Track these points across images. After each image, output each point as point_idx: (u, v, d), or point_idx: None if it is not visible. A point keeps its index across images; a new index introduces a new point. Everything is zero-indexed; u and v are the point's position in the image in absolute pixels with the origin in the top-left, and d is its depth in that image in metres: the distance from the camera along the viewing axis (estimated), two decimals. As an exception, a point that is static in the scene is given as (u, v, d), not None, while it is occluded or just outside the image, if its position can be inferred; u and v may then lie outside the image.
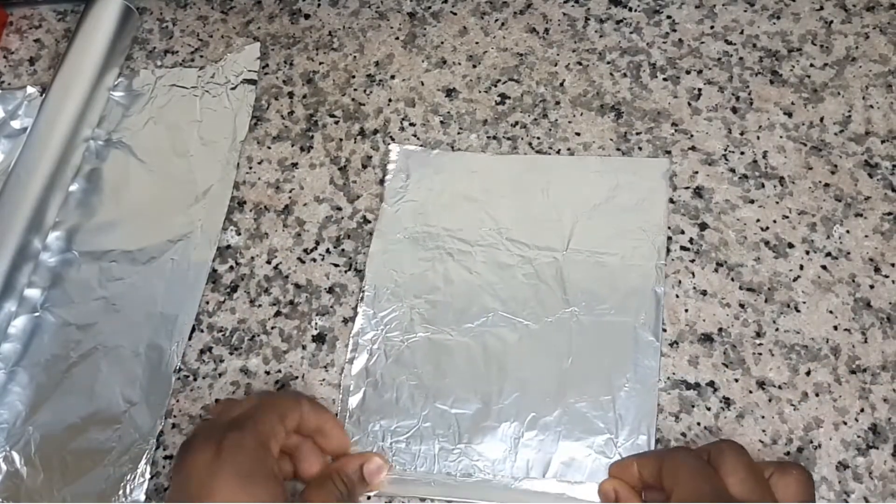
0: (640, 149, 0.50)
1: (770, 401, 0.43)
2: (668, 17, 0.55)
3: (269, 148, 0.55)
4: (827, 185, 0.48)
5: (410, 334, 0.46)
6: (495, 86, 0.54)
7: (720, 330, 0.45)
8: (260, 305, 0.49)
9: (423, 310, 0.47)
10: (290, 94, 0.57)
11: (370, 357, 0.46)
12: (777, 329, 0.44)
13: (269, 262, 0.51)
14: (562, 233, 0.48)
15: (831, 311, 0.45)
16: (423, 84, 0.55)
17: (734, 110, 0.51)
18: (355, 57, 0.57)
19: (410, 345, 0.46)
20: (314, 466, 0.40)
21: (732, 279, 0.46)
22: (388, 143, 0.53)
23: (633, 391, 0.43)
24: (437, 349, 0.46)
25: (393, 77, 0.56)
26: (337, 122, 0.55)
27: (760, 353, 0.44)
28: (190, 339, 0.49)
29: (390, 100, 0.55)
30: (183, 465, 0.36)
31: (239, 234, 0.52)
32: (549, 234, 0.48)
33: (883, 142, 0.49)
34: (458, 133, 0.53)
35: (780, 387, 0.43)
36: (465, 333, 0.46)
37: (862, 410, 0.42)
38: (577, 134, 0.52)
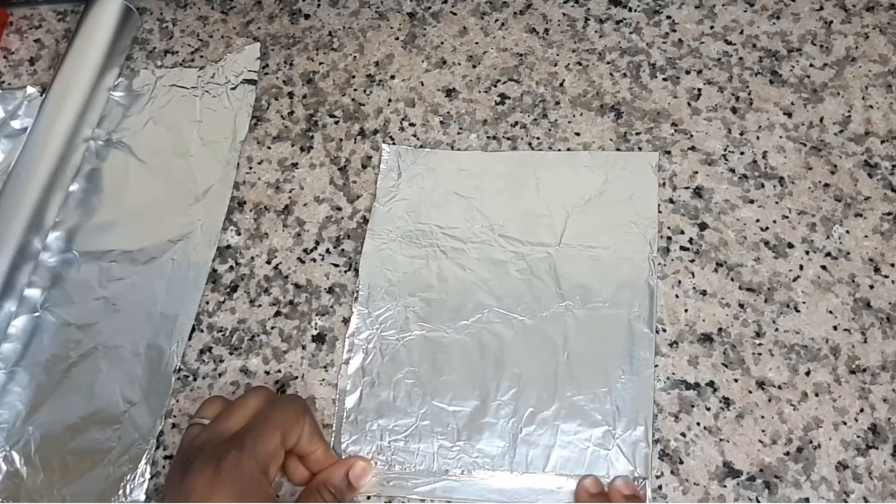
0: (639, 149, 0.50)
1: (770, 401, 0.43)
2: (668, 17, 0.55)
3: (269, 148, 0.55)
4: (827, 185, 0.48)
5: (406, 333, 0.46)
6: (495, 86, 0.54)
7: (720, 330, 0.45)
8: (260, 305, 0.49)
9: (418, 308, 0.47)
10: (290, 94, 0.57)
11: (366, 356, 0.46)
12: (777, 329, 0.44)
13: (269, 262, 0.51)
14: (554, 228, 0.48)
15: (831, 311, 0.45)
16: (423, 84, 0.55)
17: (734, 110, 0.51)
18: (355, 57, 0.57)
19: (406, 343, 0.46)
20: (299, 470, 0.41)
21: (732, 279, 0.46)
22: (387, 143, 0.53)
23: (629, 383, 0.43)
24: (432, 347, 0.46)
25: (393, 77, 0.56)
26: (337, 122, 0.55)
27: (760, 353, 0.44)
28: (190, 339, 0.49)
29: (390, 100, 0.55)
30: (183, 484, 0.36)
31: (239, 234, 0.52)
32: (542, 230, 0.48)
33: (883, 142, 0.49)
34: (458, 133, 0.53)
35: (779, 387, 0.43)
36: (461, 330, 0.46)
37: (861, 410, 0.42)
38: (577, 134, 0.52)
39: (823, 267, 0.46)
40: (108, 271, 0.51)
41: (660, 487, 0.41)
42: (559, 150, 0.51)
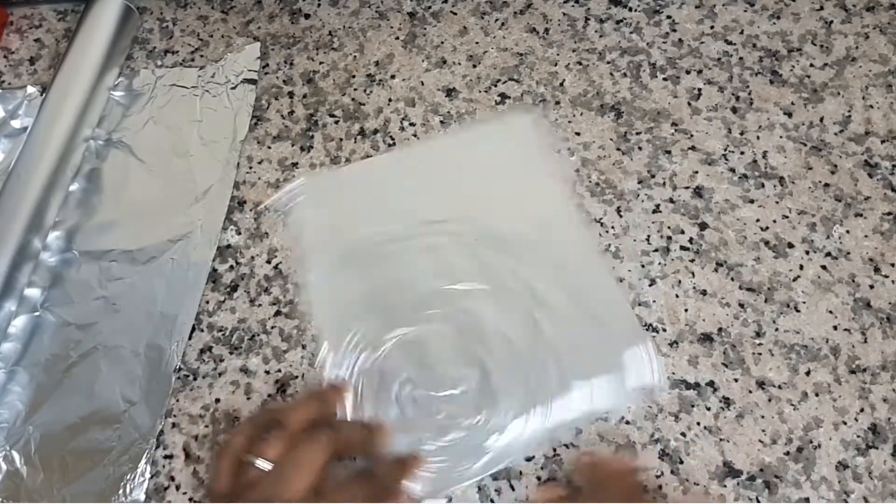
0: (639, 148, 0.51)
1: (770, 401, 0.43)
2: (668, 17, 0.55)
3: (269, 148, 0.55)
4: (827, 185, 0.48)
5: (381, 346, 0.46)
6: (495, 86, 0.54)
7: (720, 330, 0.45)
8: (260, 305, 0.49)
9: (382, 317, 0.47)
10: (290, 94, 0.57)
11: (357, 392, 0.45)
12: (777, 329, 0.44)
13: (269, 262, 0.51)
14: (474, 199, 0.50)
15: (831, 311, 0.45)
16: (423, 84, 0.55)
17: (734, 110, 0.51)
18: (355, 57, 0.57)
19: (387, 355, 0.46)
20: None
21: (732, 279, 0.46)
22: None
23: (612, 304, 0.45)
24: (413, 348, 0.46)
25: (393, 77, 0.56)
26: (337, 122, 0.55)
27: (760, 353, 0.44)
28: (190, 338, 0.49)
29: (390, 100, 0.55)
30: None
31: (239, 233, 0.52)
32: (464, 205, 0.50)
33: (883, 142, 0.49)
34: (458, 133, 0.53)
35: (779, 387, 0.43)
36: (431, 320, 0.46)
37: (862, 410, 0.42)
38: (577, 134, 0.52)
39: (823, 267, 0.46)
40: (108, 271, 0.51)
41: (660, 487, 0.41)
42: (559, 150, 0.51)
